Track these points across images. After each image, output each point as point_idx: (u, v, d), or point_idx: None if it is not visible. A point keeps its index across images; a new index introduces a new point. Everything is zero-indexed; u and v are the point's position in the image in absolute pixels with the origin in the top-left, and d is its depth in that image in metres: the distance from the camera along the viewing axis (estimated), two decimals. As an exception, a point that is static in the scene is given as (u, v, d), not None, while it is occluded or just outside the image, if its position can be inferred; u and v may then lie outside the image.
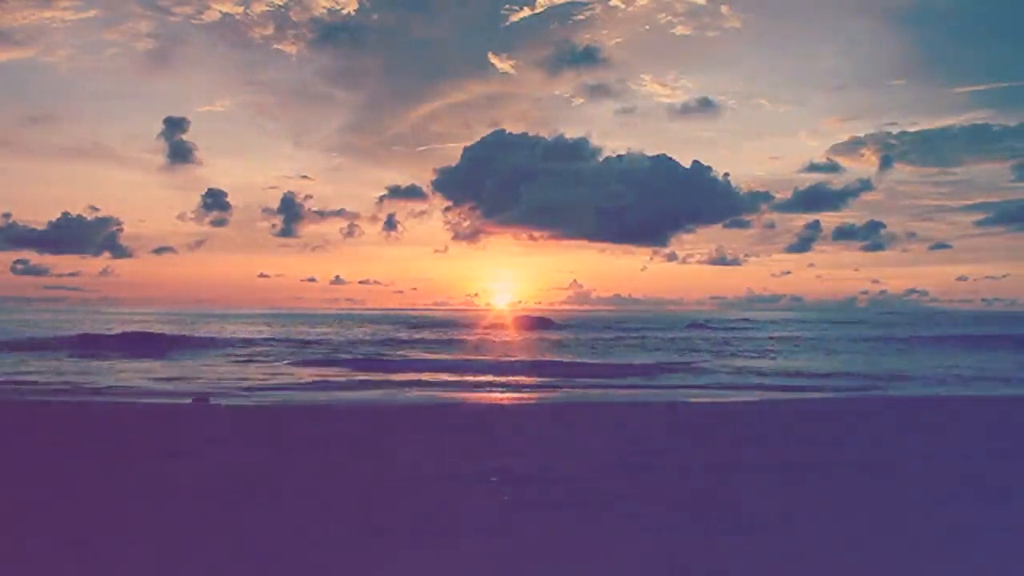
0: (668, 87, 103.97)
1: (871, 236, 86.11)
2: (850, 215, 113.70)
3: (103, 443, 10.22)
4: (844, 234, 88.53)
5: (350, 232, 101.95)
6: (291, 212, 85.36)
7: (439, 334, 54.20)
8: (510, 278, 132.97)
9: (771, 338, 51.82)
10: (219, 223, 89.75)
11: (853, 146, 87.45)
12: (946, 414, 14.64)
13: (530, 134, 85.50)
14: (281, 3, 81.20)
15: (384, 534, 5.67)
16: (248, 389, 19.97)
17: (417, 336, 51.83)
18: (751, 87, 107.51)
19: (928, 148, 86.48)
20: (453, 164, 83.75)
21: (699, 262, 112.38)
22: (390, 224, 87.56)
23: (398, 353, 35.60)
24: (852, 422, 13.18)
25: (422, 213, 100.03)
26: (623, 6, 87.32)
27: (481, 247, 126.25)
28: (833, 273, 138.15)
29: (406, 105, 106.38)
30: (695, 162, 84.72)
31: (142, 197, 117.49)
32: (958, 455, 9.47)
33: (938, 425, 12.81)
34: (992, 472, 8.34)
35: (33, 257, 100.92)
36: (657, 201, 78.23)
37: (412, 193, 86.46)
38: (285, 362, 29.63)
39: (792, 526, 6.02)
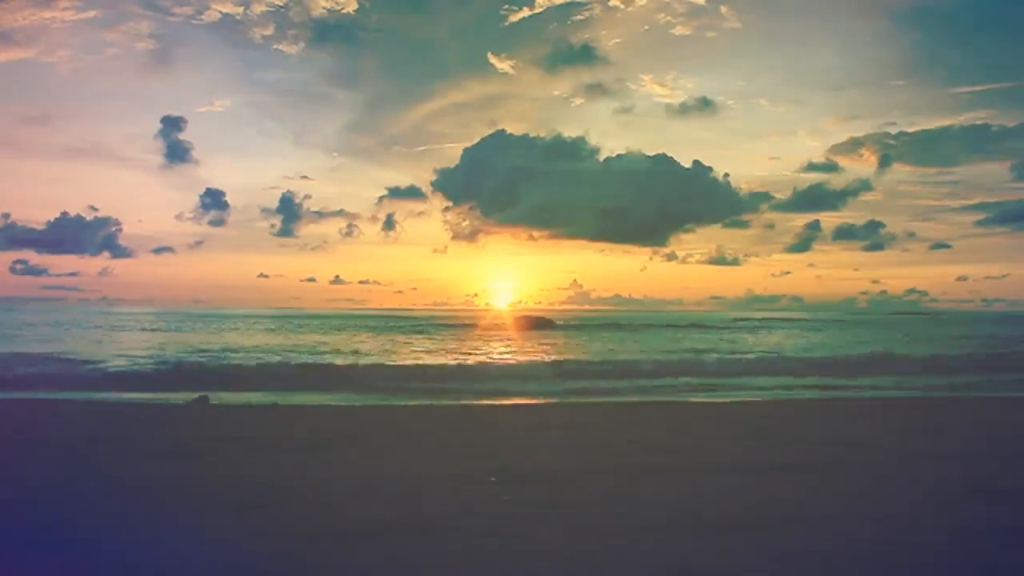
0: (667, 87, 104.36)
1: (871, 236, 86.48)
2: (850, 215, 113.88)
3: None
4: (844, 234, 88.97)
5: (350, 232, 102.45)
6: (291, 212, 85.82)
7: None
8: (510, 278, 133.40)
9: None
10: (218, 223, 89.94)
11: (852, 146, 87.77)
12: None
13: (530, 134, 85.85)
14: (281, 3, 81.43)
15: (384, 533, 5.67)
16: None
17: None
18: (751, 87, 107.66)
19: (927, 148, 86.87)
20: (453, 164, 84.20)
21: (699, 262, 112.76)
22: (390, 224, 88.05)
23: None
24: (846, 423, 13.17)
25: (422, 213, 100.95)
26: (622, 6, 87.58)
27: (481, 247, 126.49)
28: (833, 273, 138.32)
29: (406, 105, 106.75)
30: (695, 162, 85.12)
31: (141, 197, 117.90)
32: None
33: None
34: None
35: (32, 257, 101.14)
36: (657, 201, 78.48)
37: (412, 193, 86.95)
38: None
39: (794, 527, 6.01)
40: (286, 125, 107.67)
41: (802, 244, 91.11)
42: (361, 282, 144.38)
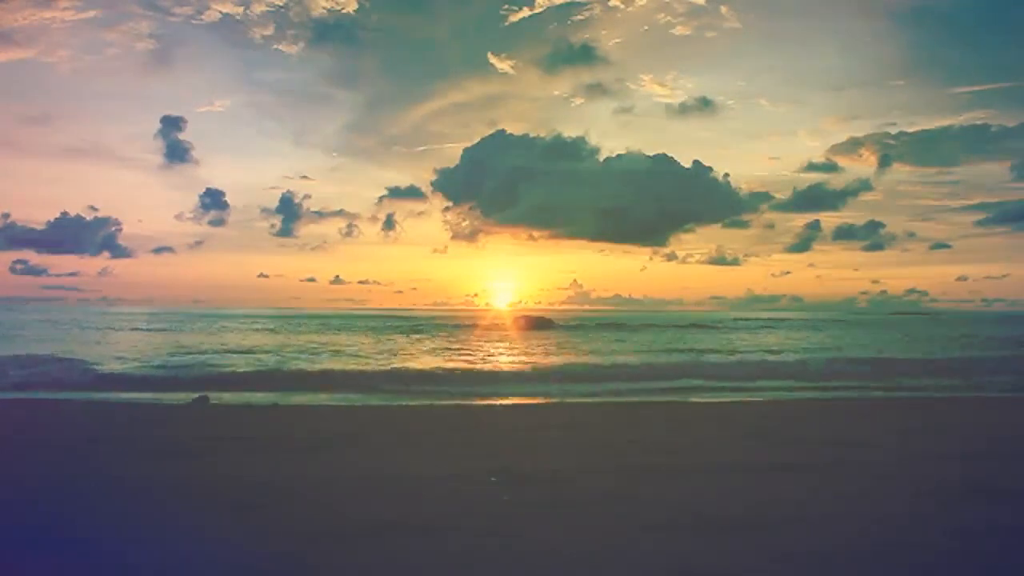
0: (667, 87, 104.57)
1: (871, 236, 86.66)
2: (850, 215, 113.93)
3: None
4: (844, 234, 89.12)
5: (350, 232, 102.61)
6: (291, 212, 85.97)
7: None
8: (510, 278, 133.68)
9: None
10: (218, 223, 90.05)
11: (852, 146, 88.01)
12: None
13: (530, 134, 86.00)
14: (281, 3, 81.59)
15: (384, 533, 5.67)
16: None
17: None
18: (751, 87, 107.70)
19: (927, 148, 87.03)
20: (453, 164, 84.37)
21: (699, 262, 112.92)
22: (390, 224, 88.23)
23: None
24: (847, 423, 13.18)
25: (422, 213, 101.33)
26: (622, 6, 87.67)
27: (481, 247, 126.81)
28: (833, 273, 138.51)
29: (406, 105, 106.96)
30: (695, 162, 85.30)
31: (141, 197, 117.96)
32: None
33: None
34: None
35: (32, 257, 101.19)
36: (657, 201, 78.55)
37: (412, 193, 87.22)
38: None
39: (794, 527, 6.01)
40: (286, 125, 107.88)
41: (802, 244, 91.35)
42: (361, 282, 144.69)
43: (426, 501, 6.78)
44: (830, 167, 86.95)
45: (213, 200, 78.26)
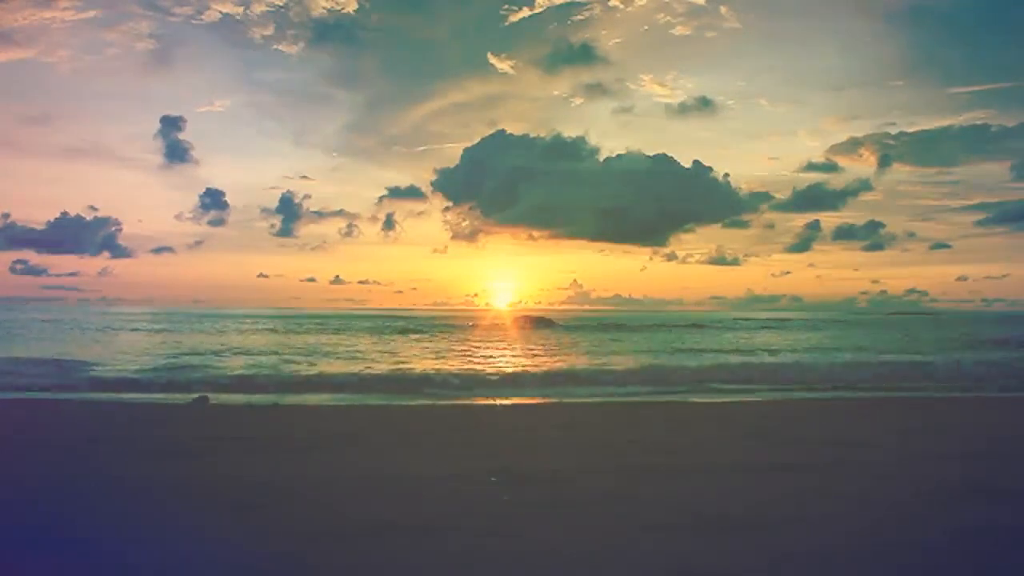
0: (667, 87, 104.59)
1: (871, 236, 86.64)
2: (849, 215, 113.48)
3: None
4: (844, 234, 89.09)
5: (350, 232, 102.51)
6: (290, 212, 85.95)
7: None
8: (510, 278, 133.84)
9: None
10: (218, 223, 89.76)
11: (852, 146, 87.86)
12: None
13: (530, 134, 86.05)
14: (281, 3, 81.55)
15: (384, 533, 5.67)
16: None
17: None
18: (750, 87, 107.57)
19: (927, 148, 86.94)
20: (453, 164, 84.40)
21: (699, 262, 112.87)
22: (390, 224, 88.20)
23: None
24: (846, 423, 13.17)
25: (422, 213, 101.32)
26: (622, 6, 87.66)
27: (481, 247, 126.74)
28: (833, 273, 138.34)
29: (406, 105, 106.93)
30: (695, 162, 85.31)
31: (141, 197, 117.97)
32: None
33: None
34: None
35: (32, 257, 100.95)
36: (657, 201, 78.58)
37: (412, 193, 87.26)
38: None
39: (794, 527, 6.01)
40: (286, 125, 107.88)
41: (802, 244, 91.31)
42: (361, 282, 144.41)
43: (426, 501, 6.78)
44: (830, 167, 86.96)
45: (213, 200, 78.31)
